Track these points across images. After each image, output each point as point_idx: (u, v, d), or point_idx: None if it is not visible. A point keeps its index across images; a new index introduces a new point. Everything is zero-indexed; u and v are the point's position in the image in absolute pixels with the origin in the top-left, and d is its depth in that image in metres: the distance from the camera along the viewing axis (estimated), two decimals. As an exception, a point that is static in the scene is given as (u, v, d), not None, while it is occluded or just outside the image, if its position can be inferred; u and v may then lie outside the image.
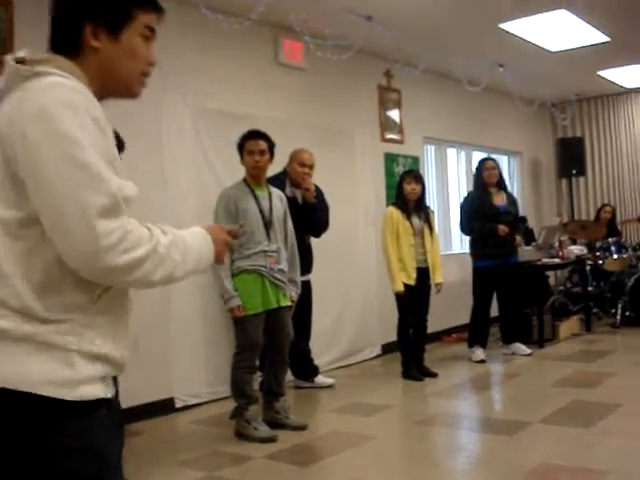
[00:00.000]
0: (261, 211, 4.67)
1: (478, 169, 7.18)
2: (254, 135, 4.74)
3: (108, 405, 1.52)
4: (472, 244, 7.13)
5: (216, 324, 5.71)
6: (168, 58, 5.55)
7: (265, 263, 4.61)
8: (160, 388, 4.92)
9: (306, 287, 5.64)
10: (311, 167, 5.66)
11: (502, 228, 6.79)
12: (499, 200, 7.03)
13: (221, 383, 5.69)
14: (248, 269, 4.57)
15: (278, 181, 5.46)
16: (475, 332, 7.08)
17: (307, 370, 6.09)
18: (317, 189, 5.72)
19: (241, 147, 4.77)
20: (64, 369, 1.43)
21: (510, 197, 7.24)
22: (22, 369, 1.40)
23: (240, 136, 4.82)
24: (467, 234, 7.20)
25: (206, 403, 5.61)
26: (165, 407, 5.22)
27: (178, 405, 5.46)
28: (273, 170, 5.17)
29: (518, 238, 7.07)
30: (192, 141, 5.68)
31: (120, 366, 1.57)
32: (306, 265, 5.62)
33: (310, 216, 5.62)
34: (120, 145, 3.73)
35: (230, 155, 5.66)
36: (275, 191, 4.91)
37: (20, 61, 1.52)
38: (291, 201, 5.32)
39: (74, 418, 1.44)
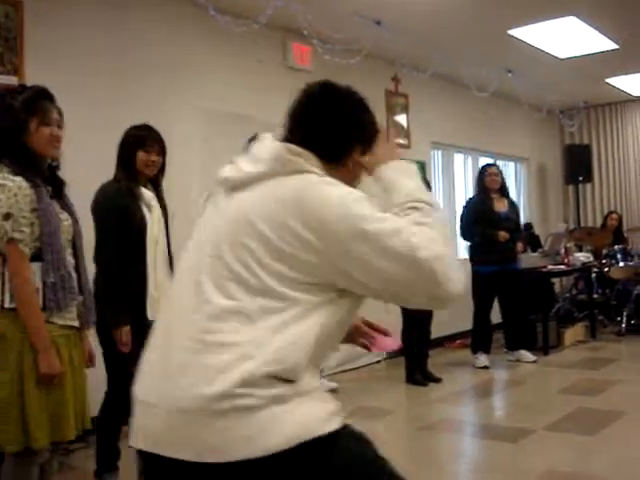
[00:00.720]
0: None
1: (480, 174, 7.18)
2: None
3: None
4: (471, 249, 7.11)
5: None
6: (175, 60, 5.57)
7: None
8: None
9: None
10: None
11: (502, 234, 6.78)
12: (500, 206, 7.02)
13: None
14: None
15: None
16: (478, 338, 7.07)
17: None
18: None
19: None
20: (326, 405, 1.58)
21: (512, 204, 7.23)
22: (303, 419, 1.49)
23: (248, 139, 4.81)
24: (467, 239, 7.16)
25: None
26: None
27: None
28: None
29: (519, 245, 7.07)
30: (200, 144, 5.67)
31: None
32: None
33: None
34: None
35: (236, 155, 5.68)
36: None
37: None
38: None
39: (345, 437, 1.62)
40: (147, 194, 3.69)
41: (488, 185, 7.00)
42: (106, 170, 3.72)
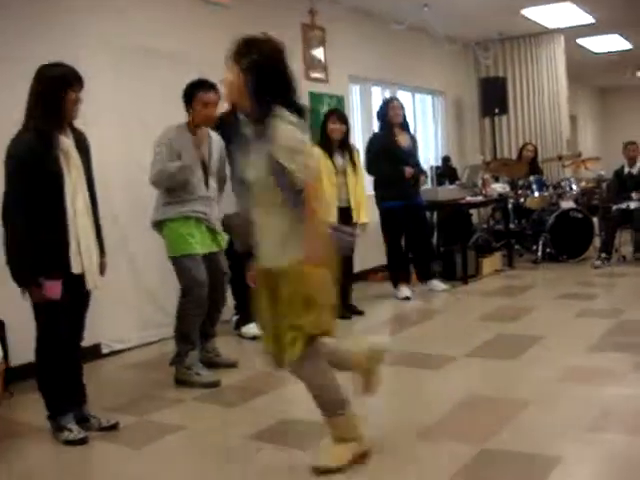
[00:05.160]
0: (202, 158, 4.64)
1: (383, 109, 7.15)
2: (209, 87, 4.63)
3: None
4: (378, 185, 7.12)
5: (142, 267, 5.62)
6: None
7: (204, 209, 4.61)
8: (86, 333, 4.78)
9: None
10: None
11: (409, 171, 6.87)
12: (403, 141, 7.06)
13: (148, 328, 5.63)
14: (189, 215, 4.55)
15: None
16: (396, 271, 7.17)
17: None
18: None
19: (192, 96, 4.62)
20: None
21: (412, 138, 7.29)
22: None
23: (189, 84, 4.67)
24: (373, 175, 7.15)
25: (133, 348, 5.54)
26: (91, 353, 5.10)
27: (105, 351, 5.38)
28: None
29: (422, 178, 7.19)
30: (113, 82, 5.47)
31: None
32: None
33: None
34: None
35: (157, 95, 5.52)
36: (215, 137, 4.86)
37: None
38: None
39: None
40: (65, 142, 3.53)
41: (391, 119, 7.01)
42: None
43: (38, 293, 3.46)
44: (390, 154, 6.88)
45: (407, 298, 6.98)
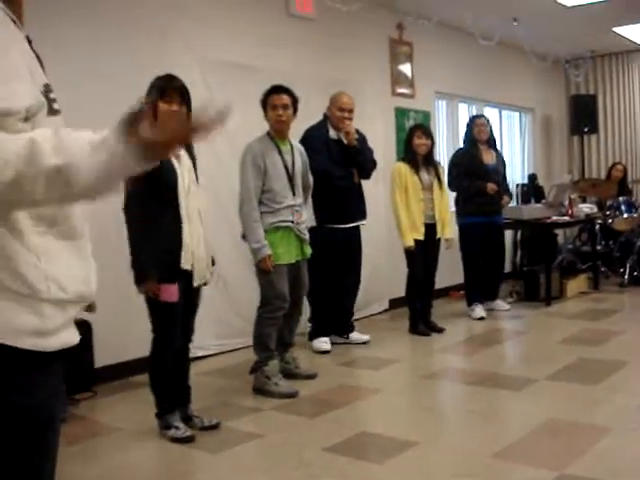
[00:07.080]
0: (285, 166, 4.70)
1: (469, 125, 7.14)
2: (277, 90, 4.71)
3: None
4: (459, 201, 7.06)
5: (225, 275, 5.72)
6: (174, 11, 5.46)
7: (292, 218, 4.68)
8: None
9: (357, 234, 5.93)
10: (350, 111, 5.71)
11: (491, 186, 6.78)
12: (488, 158, 7.00)
13: (229, 336, 5.72)
14: (278, 225, 4.62)
15: (320, 126, 5.70)
16: (472, 290, 7.08)
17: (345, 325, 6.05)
18: (359, 133, 5.79)
19: (265, 102, 4.73)
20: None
21: (499, 156, 7.21)
22: None
23: (264, 92, 4.78)
24: (455, 191, 7.06)
25: (214, 355, 5.65)
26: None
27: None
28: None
29: (505, 198, 7.08)
30: (201, 96, 5.60)
31: None
32: (362, 209, 5.94)
33: (356, 159, 5.72)
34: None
35: (242, 108, 5.62)
36: (296, 145, 4.95)
37: None
38: (337, 143, 5.65)
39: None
40: None
41: (476, 136, 6.98)
42: (104, 122, 3.67)
43: (153, 289, 3.59)
44: (472, 170, 6.82)
45: (481, 318, 6.88)
